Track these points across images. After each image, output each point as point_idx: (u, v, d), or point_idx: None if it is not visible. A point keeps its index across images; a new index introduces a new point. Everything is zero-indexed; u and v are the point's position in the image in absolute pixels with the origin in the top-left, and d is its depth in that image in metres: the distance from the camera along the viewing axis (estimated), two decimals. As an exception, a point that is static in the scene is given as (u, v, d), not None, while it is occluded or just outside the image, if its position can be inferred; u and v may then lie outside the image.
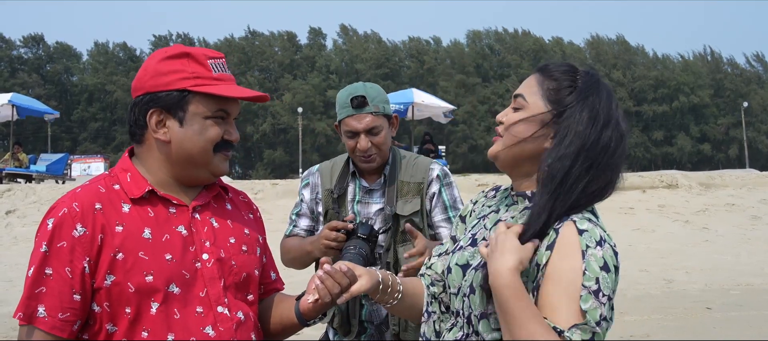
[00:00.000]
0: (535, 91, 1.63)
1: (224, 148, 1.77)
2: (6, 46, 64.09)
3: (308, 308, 1.78)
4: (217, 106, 1.73)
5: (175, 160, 1.73)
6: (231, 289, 1.74)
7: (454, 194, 2.69)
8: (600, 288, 1.43)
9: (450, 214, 2.62)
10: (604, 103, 1.59)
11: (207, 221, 1.77)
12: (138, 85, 1.75)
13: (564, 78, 1.62)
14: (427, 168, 2.68)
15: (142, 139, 1.76)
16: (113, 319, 1.62)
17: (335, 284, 1.69)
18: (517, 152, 1.63)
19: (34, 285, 1.59)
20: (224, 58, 1.82)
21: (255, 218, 1.97)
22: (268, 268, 1.97)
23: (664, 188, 16.72)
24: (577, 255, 1.46)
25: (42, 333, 1.58)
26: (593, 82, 1.62)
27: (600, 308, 1.42)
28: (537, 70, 1.67)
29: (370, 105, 2.60)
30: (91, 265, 1.61)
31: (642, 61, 69.46)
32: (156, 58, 1.76)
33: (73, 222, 1.61)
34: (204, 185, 1.82)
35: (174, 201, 1.74)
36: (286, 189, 15.54)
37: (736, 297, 8.22)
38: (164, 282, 1.63)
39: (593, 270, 1.44)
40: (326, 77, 64.92)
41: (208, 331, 1.66)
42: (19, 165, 20.04)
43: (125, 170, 1.76)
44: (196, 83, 1.71)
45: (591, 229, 1.49)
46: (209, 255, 1.72)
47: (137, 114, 1.74)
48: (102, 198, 1.67)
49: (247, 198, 2.00)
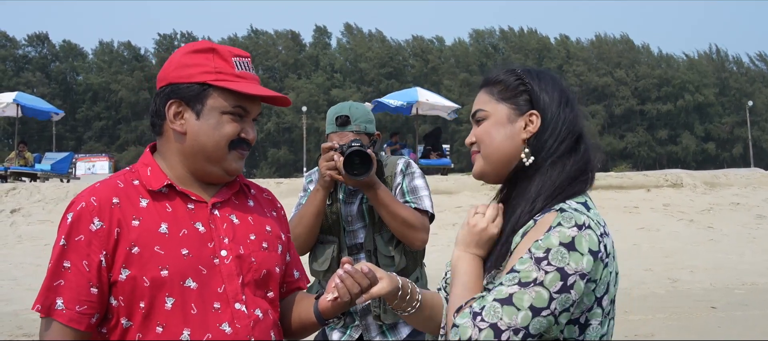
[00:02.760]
0: (488, 100, 1.67)
1: (240, 146, 1.77)
2: (11, 44, 64.36)
3: (327, 307, 1.78)
4: (235, 103, 1.73)
5: (189, 152, 1.74)
6: (250, 286, 1.74)
7: (414, 183, 2.96)
8: (547, 257, 1.42)
9: (408, 198, 2.91)
10: (558, 82, 1.67)
11: (226, 218, 1.76)
12: (162, 76, 1.77)
13: (507, 77, 1.67)
14: (394, 164, 3.01)
15: (162, 131, 1.77)
16: (129, 313, 1.63)
17: (355, 284, 1.70)
18: (498, 155, 1.65)
19: (53, 277, 1.62)
20: (250, 58, 1.82)
21: (279, 216, 1.95)
22: (291, 266, 1.96)
23: (669, 187, 16.68)
24: (541, 232, 1.47)
25: (59, 326, 1.60)
26: (534, 71, 1.68)
27: (536, 272, 1.41)
28: (480, 86, 1.72)
29: (352, 124, 2.89)
30: (108, 259, 1.63)
31: (646, 59, 69.36)
32: (182, 51, 1.78)
33: (91, 216, 1.64)
34: (224, 183, 1.82)
35: (193, 197, 1.74)
36: (291, 188, 15.53)
37: (741, 297, 8.20)
38: (179, 276, 1.64)
39: (548, 242, 1.44)
40: (330, 76, 65.04)
41: (225, 328, 1.66)
42: (24, 164, 20.07)
43: (146, 165, 1.77)
44: (218, 78, 1.72)
45: (575, 214, 1.48)
46: (228, 251, 1.72)
47: (158, 104, 1.75)
48: (120, 193, 1.69)
49: (270, 195, 1.99)
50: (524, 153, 1.61)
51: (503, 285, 1.43)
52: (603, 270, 1.48)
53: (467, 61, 65.49)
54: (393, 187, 2.95)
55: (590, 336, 1.51)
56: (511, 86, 1.65)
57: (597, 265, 1.46)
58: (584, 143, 1.64)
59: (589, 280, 1.45)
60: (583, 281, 1.43)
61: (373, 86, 62.63)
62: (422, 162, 19.01)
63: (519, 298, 1.40)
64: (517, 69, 1.68)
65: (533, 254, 1.44)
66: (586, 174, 1.62)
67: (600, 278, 1.48)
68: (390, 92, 32.11)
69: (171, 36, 68.17)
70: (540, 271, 1.41)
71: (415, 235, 2.82)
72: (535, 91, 1.63)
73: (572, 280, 1.42)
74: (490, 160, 1.66)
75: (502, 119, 1.64)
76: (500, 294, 1.42)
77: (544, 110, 1.61)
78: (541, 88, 1.64)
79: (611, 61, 66.84)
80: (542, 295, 1.40)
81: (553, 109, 1.62)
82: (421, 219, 2.85)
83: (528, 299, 1.40)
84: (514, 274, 1.43)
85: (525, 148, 1.61)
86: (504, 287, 1.42)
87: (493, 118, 1.65)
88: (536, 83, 1.64)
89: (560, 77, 1.70)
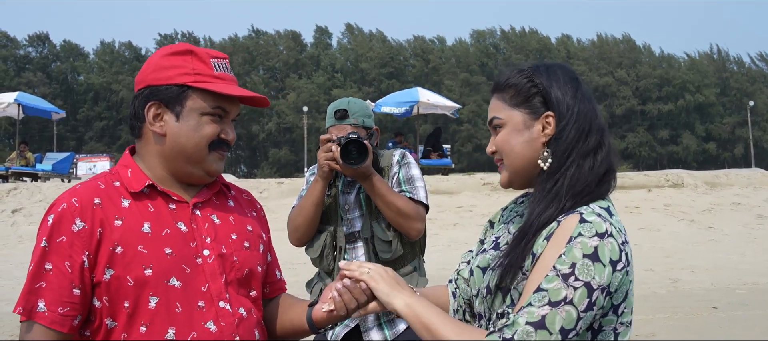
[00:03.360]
0: (502, 107, 1.66)
1: (220, 146, 1.77)
2: (12, 44, 64.34)
3: (322, 317, 1.79)
4: (215, 104, 1.74)
5: (169, 154, 1.74)
6: (233, 285, 1.74)
7: (410, 173, 3.03)
8: (573, 272, 1.42)
9: (404, 188, 2.99)
10: (569, 73, 1.65)
11: (208, 218, 1.77)
12: (140, 79, 1.77)
13: (518, 80, 1.65)
14: (391, 155, 3.10)
15: (141, 133, 1.77)
16: (112, 314, 1.63)
17: (353, 299, 1.70)
18: (521, 162, 1.64)
19: (34, 279, 1.60)
20: (228, 60, 1.83)
21: (258, 216, 1.97)
22: (272, 266, 1.97)
23: (670, 187, 16.67)
24: (563, 243, 1.46)
25: (42, 328, 1.59)
26: (543, 68, 1.65)
27: (565, 290, 1.41)
28: (492, 92, 1.71)
29: (350, 117, 2.98)
30: (91, 259, 1.62)
31: (647, 59, 69.29)
32: (160, 54, 1.78)
33: (72, 217, 1.63)
34: (203, 184, 1.82)
35: (174, 198, 1.74)
36: (292, 188, 15.53)
37: (742, 297, 8.20)
38: (163, 275, 1.64)
39: (572, 255, 1.43)
40: (331, 76, 65.00)
41: (210, 326, 1.66)
42: (25, 164, 20.08)
43: (126, 166, 1.77)
44: (196, 79, 1.72)
45: (596, 222, 1.47)
46: (210, 250, 1.72)
47: (137, 106, 1.76)
48: (101, 194, 1.68)
49: (250, 196, 2.00)
50: (542, 157, 1.60)
51: (533, 307, 1.42)
52: (623, 277, 1.48)
53: (468, 61, 65.44)
54: (389, 177, 3.02)
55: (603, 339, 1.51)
56: (522, 90, 1.63)
57: (617, 275, 1.45)
58: (607, 139, 1.62)
59: (609, 293, 1.45)
60: (603, 295, 1.43)
61: (374, 86, 62.59)
62: (423, 162, 19.01)
63: (551, 321, 1.39)
64: (526, 68, 1.66)
65: (560, 271, 1.43)
66: (610, 174, 1.60)
67: (619, 287, 1.47)
68: (391, 92, 32.11)
69: (172, 36, 68.12)
70: (569, 288, 1.41)
71: (411, 224, 2.87)
72: (547, 90, 1.61)
73: (596, 297, 1.42)
74: (514, 169, 1.65)
75: (519, 126, 1.63)
76: (532, 316, 1.41)
77: (559, 105, 1.60)
78: (552, 84, 1.61)
79: (612, 61, 66.78)
80: (571, 315, 1.40)
81: (567, 101, 1.60)
82: (415, 208, 2.90)
83: (559, 321, 1.39)
84: (542, 294, 1.42)
85: (544, 151, 1.60)
86: (534, 308, 1.41)
87: (510, 125, 1.64)
88: (547, 80, 1.62)
89: (572, 68, 1.68)
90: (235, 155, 66.37)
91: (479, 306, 1.66)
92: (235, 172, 59.60)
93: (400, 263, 2.96)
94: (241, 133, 62.73)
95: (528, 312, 1.41)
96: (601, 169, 1.59)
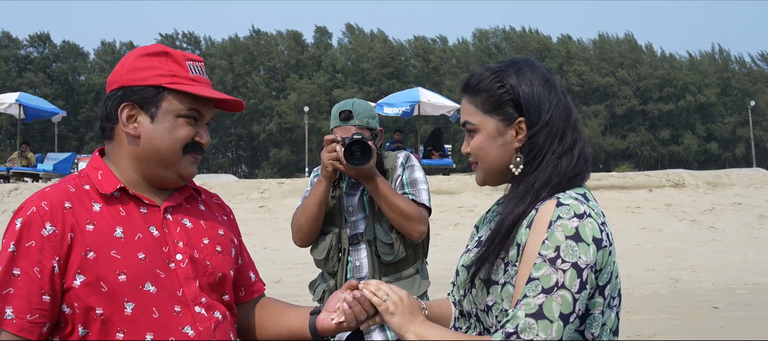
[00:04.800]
0: (474, 111, 1.67)
1: (194, 150, 1.75)
2: (13, 45, 64.37)
3: (328, 327, 1.78)
4: (190, 106, 1.72)
5: (142, 156, 1.71)
6: (206, 289, 1.72)
7: (414, 175, 3.06)
8: (559, 255, 1.43)
9: (407, 190, 3.01)
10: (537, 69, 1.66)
11: (179, 222, 1.74)
12: (113, 80, 1.74)
13: (489, 84, 1.65)
14: (395, 157, 3.12)
15: (113, 135, 1.74)
16: (85, 321, 1.58)
17: (363, 311, 1.71)
18: (496, 167, 1.67)
19: (2, 286, 1.54)
20: (203, 63, 1.81)
21: (229, 220, 1.95)
22: (246, 269, 1.95)
23: (671, 187, 16.67)
24: (544, 228, 1.48)
25: (10, 336, 1.54)
26: (512, 67, 1.66)
27: (555, 275, 1.42)
28: (462, 92, 1.71)
29: (355, 118, 3.00)
30: (61, 265, 1.57)
31: (648, 59, 69.25)
32: (134, 55, 1.75)
33: (42, 221, 1.58)
34: (175, 187, 1.80)
35: (145, 202, 1.72)
36: (293, 188, 15.53)
37: (743, 297, 8.19)
38: (138, 281, 1.61)
39: (555, 239, 1.45)
40: (332, 76, 64.99)
41: (188, 331, 1.64)
42: (26, 164, 20.09)
43: (96, 168, 1.73)
44: (172, 81, 1.70)
45: (573, 204, 1.50)
46: (183, 255, 1.70)
47: (109, 107, 1.72)
48: (71, 197, 1.64)
49: (220, 200, 1.99)
50: (514, 162, 1.63)
51: (529, 298, 1.43)
52: (607, 257, 1.49)
53: (468, 61, 65.36)
54: (393, 179, 3.04)
55: (591, 324, 1.52)
56: (494, 95, 1.64)
57: (601, 253, 1.47)
58: (581, 133, 1.64)
59: (596, 271, 1.47)
60: (592, 273, 1.45)
61: (375, 86, 62.62)
62: (424, 162, 18.98)
63: (548, 308, 1.41)
64: (496, 70, 1.66)
65: (546, 256, 1.45)
66: (585, 164, 1.63)
67: (604, 266, 1.49)
68: (391, 92, 32.06)
69: (172, 36, 68.16)
70: (557, 272, 1.43)
71: (413, 226, 2.89)
72: (518, 91, 1.62)
73: (586, 275, 1.44)
74: (490, 172, 1.68)
75: (493, 133, 1.64)
76: (529, 307, 1.42)
77: (530, 111, 1.61)
78: (523, 87, 1.62)
79: (613, 60, 66.73)
80: (567, 299, 1.41)
81: (540, 104, 1.61)
82: (418, 210, 2.91)
83: (556, 307, 1.41)
84: (534, 283, 1.44)
85: (516, 157, 1.62)
86: (530, 299, 1.43)
87: (484, 132, 1.66)
88: (517, 83, 1.63)
89: (540, 63, 1.69)
90: (237, 155, 66.42)
91: (467, 304, 1.69)
92: (236, 173, 59.65)
93: (403, 265, 2.96)
94: (242, 133, 62.75)
95: (525, 304, 1.43)
96: (580, 162, 1.61)
